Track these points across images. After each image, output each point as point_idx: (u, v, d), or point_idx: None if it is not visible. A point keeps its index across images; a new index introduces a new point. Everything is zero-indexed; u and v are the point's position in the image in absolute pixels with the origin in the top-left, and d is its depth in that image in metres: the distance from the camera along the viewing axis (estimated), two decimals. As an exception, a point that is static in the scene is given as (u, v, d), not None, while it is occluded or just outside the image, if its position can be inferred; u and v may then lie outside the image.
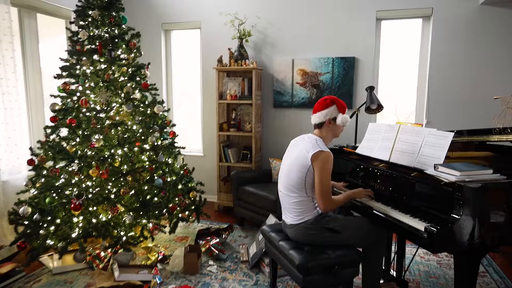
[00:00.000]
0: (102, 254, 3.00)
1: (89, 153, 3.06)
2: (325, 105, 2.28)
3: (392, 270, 2.80)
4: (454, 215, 1.84)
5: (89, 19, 3.28)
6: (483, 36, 3.68)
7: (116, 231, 3.02)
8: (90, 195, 3.02)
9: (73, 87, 3.22)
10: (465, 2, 3.69)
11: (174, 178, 3.47)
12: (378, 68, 4.15)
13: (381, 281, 2.58)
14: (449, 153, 2.82)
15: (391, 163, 2.42)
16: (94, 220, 2.99)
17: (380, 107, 3.07)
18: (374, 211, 2.25)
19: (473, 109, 3.76)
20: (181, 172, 3.61)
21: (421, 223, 1.94)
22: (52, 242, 2.91)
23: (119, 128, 3.21)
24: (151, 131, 3.36)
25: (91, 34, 3.27)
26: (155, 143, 3.34)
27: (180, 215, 3.45)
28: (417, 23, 3.99)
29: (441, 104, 3.87)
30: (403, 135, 2.45)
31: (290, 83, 4.33)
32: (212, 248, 3.19)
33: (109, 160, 3.09)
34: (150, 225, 3.15)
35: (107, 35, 3.32)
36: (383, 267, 2.83)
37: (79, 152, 3.06)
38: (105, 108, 3.20)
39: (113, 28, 3.35)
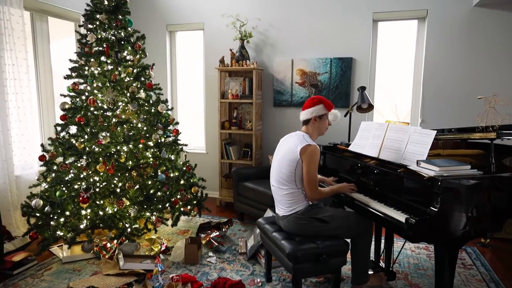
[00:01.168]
0: (108, 245, 3.18)
1: (96, 149, 3.24)
2: (313, 104, 2.46)
3: (381, 262, 2.94)
4: (432, 208, 1.97)
5: (97, 23, 3.45)
6: (477, 37, 3.78)
7: (121, 223, 3.20)
8: (97, 189, 3.21)
9: (81, 87, 3.40)
10: (459, 4, 3.79)
11: (176, 173, 3.64)
12: (375, 68, 4.27)
13: (371, 272, 2.72)
14: (441, 150, 2.97)
15: (380, 159, 2.56)
16: (101, 213, 3.18)
17: (370, 107, 3.20)
18: (355, 202, 2.41)
19: (466, 109, 3.86)
20: (184, 168, 3.78)
21: (402, 215, 2.08)
22: (61, 233, 3.11)
23: (125, 126, 3.39)
24: (155, 128, 3.54)
25: (99, 36, 3.44)
26: (159, 140, 3.52)
27: (182, 209, 3.63)
28: (412, 25, 4.10)
29: (435, 104, 3.98)
30: (391, 133, 2.59)
31: (290, 83, 4.48)
32: (212, 240, 3.35)
33: (115, 156, 3.27)
34: (154, 218, 3.34)
35: (113, 37, 3.49)
36: (373, 259, 2.98)
37: (87, 148, 3.24)
38: (112, 107, 3.38)
39: (119, 31, 3.52)
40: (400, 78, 4.30)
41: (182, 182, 3.69)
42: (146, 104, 3.58)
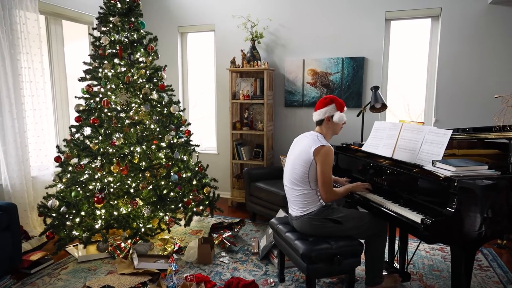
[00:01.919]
0: (123, 244, 3.22)
1: (110, 150, 3.28)
2: (325, 104, 2.44)
3: (396, 263, 2.91)
4: (448, 208, 1.95)
5: (110, 25, 3.49)
6: (492, 35, 3.72)
7: (135, 223, 3.23)
8: (111, 190, 3.25)
9: (95, 89, 3.45)
10: (474, 1, 3.73)
11: (189, 174, 3.67)
12: (388, 68, 4.23)
13: (385, 273, 2.69)
14: (456, 150, 2.92)
15: (394, 159, 2.53)
16: (115, 213, 3.22)
17: (384, 106, 3.17)
18: (369, 202, 2.39)
19: (481, 108, 3.80)
20: (196, 168, 3.80)
21: (418, 215, 2.06)
22: (77, 233, 3.16)
23: (138, 127, 3.42)
24: (167, 129, 3.57)
25: (112, 39, 3.49)
26: (171, 141, 3.55)
27: (194, 209, 3.65)
28: (426, 23, 4.06)
29: (449, 103, 3.93)
30: (406, 133, 2.56)
31: (301, 83, 4.47)
32: (225, 240, 3.37)
33: (129, 157, 3.30)
34: (167, 218, 3.36)
35: (126, 40, 3.53)
36: (387, 260, 2.95)
37: (101, 149, 3.29)
38: (125, 108, 3.42)
39: (132, 33, 3.55)
40: (413, 78, 4.25)
41: (194, 182, 3.71)
42: (159, 105, 3.61)
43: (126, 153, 3.30)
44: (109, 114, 3.38)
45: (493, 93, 3.70)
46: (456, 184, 1.91)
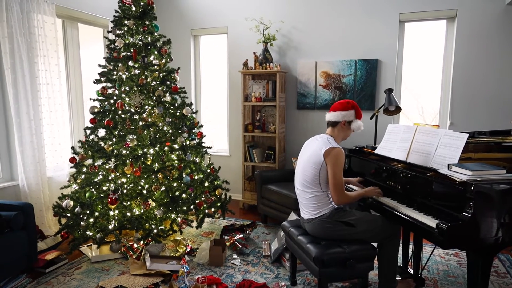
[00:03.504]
0: (135, 245, 3.25)
1: (124, 152, 3.32)
2: (346, 107, 2.43)
3: (410, 268, 2.87)
4: (465, 213, 1.91)
5: (125, 28, 3.55)
6: (509, 36, 3.64)
7: (148, 224, 3.26)
8: (124, 191, 3.29)
9: (110, 91, 3.50)
10: (490, 2, 3.66)
11: (201, 176, 3.68)
12: (402, 70, 4.18)
13: (399, 278, 2.65)
14: (471, 154, 2.86)
15: (408, 163, 2.50)
16: (128, 214, 3.25)
17: (398, 109, 3.13)
18: (383, 206, 2.36)
19: (498, 111, 3.72)
20: (208, 170, 3.82)
21: (433, 220, 2.02)
22: (91, 233, 3.21)
23: (151, 129, 3.46)
24: (180, 131, 3.59)
25: (127, 42, 3.54)
26: (184, 143, 3.57)
27: (206, 211, 3.66)
28: (441, 25, 4.00)
29: (465, 106, 3.86)
30: (420, 136, 2.52)
31: (313, 85, 4.45)
32: (236, 243, 3.37)
33: (142, 158, 3.34)
34: (179, 219, 3.38)
35: (141, 42, 3.57)
36: (401, 265, 2.91)
37: (115, 151, 3.33)
38: (139, 110, 3.46)
39: (146, 36, 3.60)
40: (428, 80, 4.19)
41: (206, 184, 3.72)
42: (172, 107, 3.64)
43: (139, 154, 3.34)
44: (123, 116, 3.43)
45: (509, 96, 3.63)
46: (472, 188, 1.87)
